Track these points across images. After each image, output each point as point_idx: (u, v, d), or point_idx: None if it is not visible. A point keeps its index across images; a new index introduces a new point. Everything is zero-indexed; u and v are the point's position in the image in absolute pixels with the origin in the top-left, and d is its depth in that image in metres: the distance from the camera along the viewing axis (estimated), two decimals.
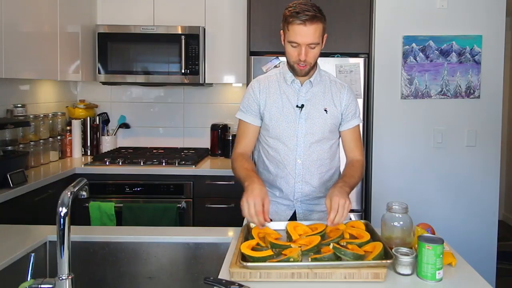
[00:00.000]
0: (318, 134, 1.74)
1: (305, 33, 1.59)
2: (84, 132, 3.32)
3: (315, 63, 1.72)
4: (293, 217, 1.80)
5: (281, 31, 1.70)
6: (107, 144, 3.41)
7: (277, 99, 1.74)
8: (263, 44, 2.83)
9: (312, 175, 1.76)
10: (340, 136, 1.83)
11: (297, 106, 1.73)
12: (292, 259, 1.23)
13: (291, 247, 1.34)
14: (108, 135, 3.45)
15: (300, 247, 1.31)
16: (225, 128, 3.40)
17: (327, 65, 2.70)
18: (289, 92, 1.74)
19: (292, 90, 1.75)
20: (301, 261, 1.24)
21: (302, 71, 1.68)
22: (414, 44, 2.75)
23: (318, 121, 1.73)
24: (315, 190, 1.78)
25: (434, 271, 1.20)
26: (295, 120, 1.73)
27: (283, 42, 1.70)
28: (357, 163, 1.76)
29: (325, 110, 1.74)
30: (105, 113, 3.51)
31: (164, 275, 1.55)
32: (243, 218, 1.87)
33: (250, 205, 1.44)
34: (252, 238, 1.45)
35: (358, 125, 1.82)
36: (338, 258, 1.24)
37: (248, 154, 1.79)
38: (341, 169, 1.88)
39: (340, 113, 1.77)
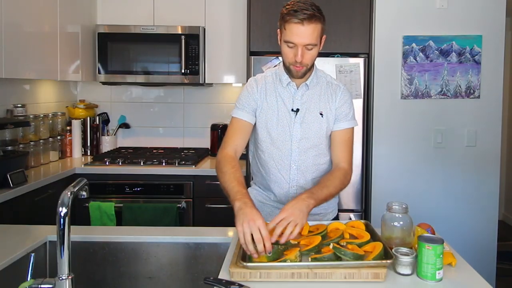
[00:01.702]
0: (314, 139, 1.68)
1: (302, 33, 1.52)
2: (84, 132, 3.32)
3: (312, 65, 1.65)
4: None
5: (278, 30, 1.63)
6: (107, 144, 3.42)
7: (272, 101, 1.68)
8: (263, 44, 2.83)
9: (307, 180, 1.71)
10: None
11: (292, 110, 1.67)
12: (289, 261, 1.22)
13: (290, 243, 1.35)
14: (108, 135, 3.45)
15: (299, 248, 1.31)
16: (225, 128, 3.40)
17: (327, 65, 2.70)
18: (285, 95, 1.68)
19: (287, 92, 1.68)
20: (299, 261, 1.24)
21: (298, 72, 1.62)
22: (414, 44, 2.75)
23: (313, 126, 1.67)
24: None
25: (434, 271, 1.20)
26: (289, 124, 1.67)
27: (279, 42, 1.64)
28: (338, 172, 1.63)
29: (321, 114, 1.67)
30: (105, 113, 3.51)
31: (164, 275, 1.55)
32: None
33: (253, 232, 1.26)
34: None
35: (351, 129, 1.71)
36: (338, 258, 1.24)
37: (237, 156, 1.64)
38: None
39: (334, 116, 1.69)
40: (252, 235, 1.27)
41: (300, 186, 1.71)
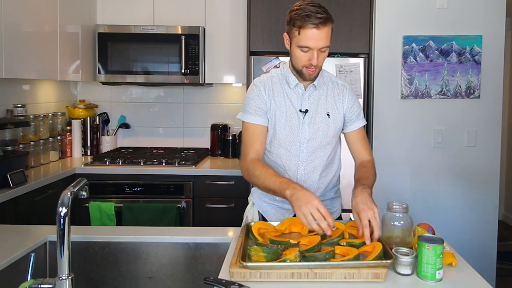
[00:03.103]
0: (321, 139, 1.69)
1: (318, 37, 1.52)
2: (84, 132, 3.32)
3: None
4: None
5: (285, 34, 1.62)
6: (107, 144, 3.42)
7: (281, 102, 1.68)
8: (263, 44, 2.83)
9: (313, 180, 1.72)
10: (342, 139, 1.79)
11: (300, 110, 1.67)
12: (289, 261, 1.22)
13: (290, 242, 1.35)
14: (108, 135, 3.45)
15: (299, 248, 1.31)
16: (225, 128, 3.40)
17: (327, 65, 2.69)
18: (292, 96, 1.68)
19: (295, 94, 1.68)
20: (299, 262, 1.24)
21: (312, 75, 1.62)
22: (414, 44, 2.75)
23: (321, 126, 1.68)
24: (316, 195, 1.74)
25: (434, 271, 1.20)
26: (298, 125, 1.67)
27: (288, 46, 1.63)
28: (368, 163, 1.70)
29: (328, 115, 1.69)
30: (105, 113, 3.51)
31: (164, 275, 1.55)
32: (242, 219, 1.88)
33: (312, 213, 1.34)
34: (253, 236, 1.46)
35: (363, 126, 1.77)
36: (327, 259, 1.24)
37: (261, 159, 1.68)
38: (341, 172, 1.86)
39: (343, 116, 1.72)
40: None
41: (306, 186, 1.71)
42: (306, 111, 1.67)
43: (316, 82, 1.69)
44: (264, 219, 1.80)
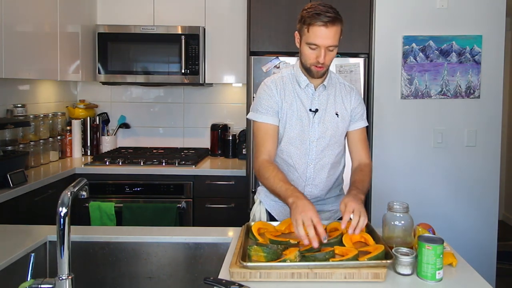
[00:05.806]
0: (331, 138, 1.72)
1: (325, 35, 1.57)
2: (84, 132, 3.32)
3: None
4: None
5: (296, 32, 1.67)
6: (107, 144, 3.42)
7: (292, 102, 1.71)
8: (263, 44, 2.83)
9: (322, 178, 1.75)
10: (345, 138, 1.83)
11: (310, 110, 1.70)
12: (289, 261, 1.23)
13: (290, 242, 1.35)
14: (108, 135, 3.45)
15: (299, 248, 1.30)
16: (225, 128, 3.40)
17: None
18: (302, 96, 1.71)
19: (305, 93, 1.72)
20: (299, 262, 1.24)
21: (319, 72, 1.66)
22: (414, 44, 2.75)
23: (330, 125, 1.72)
24: (323, 193, 1.78)
25: (434, 271, 1.20)
26: (308, 124, 1.70)
27: (298, 44, 1.67)
28: (366, 168, 1.74)
29: (336, 114, 1.73)
30: (105, 113, 3.51)
31: (164, 275, 1.55)
32: (244, 218, 1.88)
33: (304, 220, 1.35)
34: (253, 236, 1.46)
35: (365, 128, 1.80)
36: (327, 259, 1.24)
37: (272, 160, 1.70)
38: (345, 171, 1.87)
39: (349, 116, 1.76)
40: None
41: (315, 184, 1.75)
42: (316, 110, 1.71)
43: (326, 82, 1.73)
44: (271, 216, 1.82)
